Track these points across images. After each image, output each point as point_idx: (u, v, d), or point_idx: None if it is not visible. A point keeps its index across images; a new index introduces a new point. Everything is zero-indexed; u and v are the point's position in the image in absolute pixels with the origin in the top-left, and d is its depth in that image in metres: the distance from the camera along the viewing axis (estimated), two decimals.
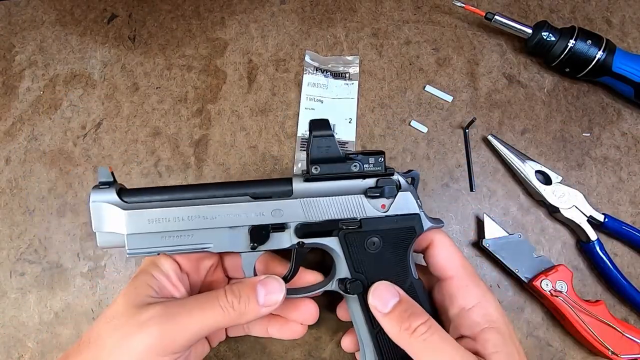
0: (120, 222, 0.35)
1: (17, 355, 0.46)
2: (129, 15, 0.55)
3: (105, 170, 0.36)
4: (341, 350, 0.44)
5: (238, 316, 0.34)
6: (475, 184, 0.48)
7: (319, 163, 0.37)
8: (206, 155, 0.50)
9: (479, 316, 0.34)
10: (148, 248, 0.36)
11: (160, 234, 0.36)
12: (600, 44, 0.46)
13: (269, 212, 0.36)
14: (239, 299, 0.34)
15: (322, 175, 0.37)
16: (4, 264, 0.48)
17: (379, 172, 0.37)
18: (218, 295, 0.34)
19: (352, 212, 0.37)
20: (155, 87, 0.52)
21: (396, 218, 0.37)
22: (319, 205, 0.36)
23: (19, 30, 0.55)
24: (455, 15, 0.53)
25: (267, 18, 0.54)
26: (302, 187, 0.37)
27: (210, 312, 0.34)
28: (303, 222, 0.37)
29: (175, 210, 0.36)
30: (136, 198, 0.36)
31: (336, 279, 0.38)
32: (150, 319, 0.32)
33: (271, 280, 0.36)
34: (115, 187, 0.36)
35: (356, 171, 0.37)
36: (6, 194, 0.50)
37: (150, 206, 0.36)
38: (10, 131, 0.52)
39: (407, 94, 0.51)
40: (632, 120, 0.50)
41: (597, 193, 0.48)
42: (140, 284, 0.36)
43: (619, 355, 0.41)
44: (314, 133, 0.36)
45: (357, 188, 0.37)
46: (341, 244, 0.37)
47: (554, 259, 0.46)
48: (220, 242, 0.36)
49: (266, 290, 0.35)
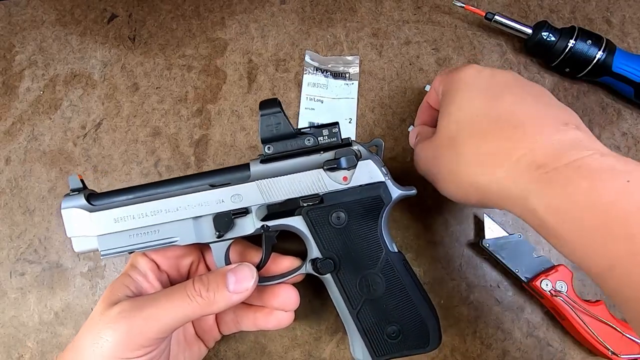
0: (89, 225, 0.36)
1: (17, 355, 0.46)
2: (129, 15, 0.55)
3: (74, 178, 0.38)
4: (341, 350, 0.44)
5: (207, 305, 0.34)
6: None
7: (271, 142, 0.36)
8: (206, 155, 0.50)
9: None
10: (119, 247, 0.36)
11: (127, 232, 0.36)
12: (600, 44, 0.46)
13: (229, 198, 0.36)
14: (207, 287, 0.34)
15: (277, 154, 0.36)
16: (4, 264, 0.48)
17: (334, 144, 0.36)
18: (186, 285, 0.34)
19: (313, 189, 0.36)
20: (155, 87, 0.52)
21: (359, 188, 0.36)
22: (276, 185, 0.36)
23: (19, 30, 0.55)
24: (455, 15, 0.53)
25: (267, 18, 0.54)
26: (259, 169, 0.36)
27: (178, 302, 0.33)
28: (263, 203, 0.36)
29: (138, 207, 0.36)
30: (103, 200, 0.37)
31: (308, 260, 0.37)
32: (118, 314, 0.33)
33: (241, 267, 0.35)
34: (84, 193, 0.37)
35: (310, 145, 0.36)
36: (6, 194, 0.50)
37: (115, 206, 0.36)
38: (10, 131, 0.52)
39: (407, 94, 0.51)
40: (632, 120, 0.50)
41: None
42: (118, 285, 0.36)
43: (619, 355, 0.41)
44: (260, 112, 0.36)
45: (315, 163, 0.36)
46: (306, 222, 0.36)
47: (554, 259, 0.46)
48: (186, 234, 0.36)
49: (236, 277, 0.35)
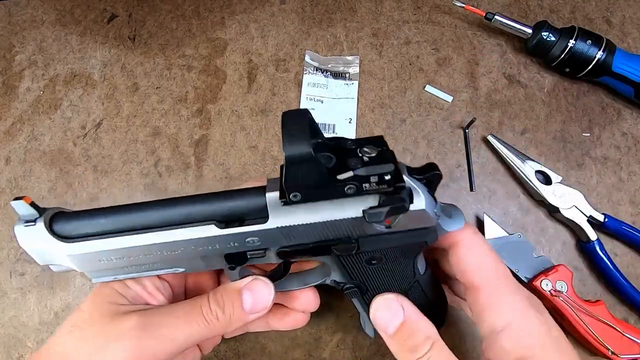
0: (67, 261, 0.29)
1: (17, 355, 0.46)
2: (129, 15, 0.55)
3: (21, 204, 0.28)
4: (341, 350, 0.44)
5: (223, 326, 0.31)
6: (475, 184, 0.48)
7: (300, 190, 0.27)
8: (206, 155, 0.50)
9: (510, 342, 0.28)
10: (113, 276, 0.31)
11: (119, 268, 0.30)
12: (600, 44, 0.46)
13: (242, 240, 0.29)
14: (223, 309, 0.31)
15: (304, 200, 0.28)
16: (4, 264, 0.48)
17: (383, 190, 0.27)
18: (202, 305, 0.31)
19: (347, 233, 0.29)
20: (155, 87, 0.52)
21: (403, 234, 0.29)
22: (303, 231, 0.29)
23: (19, 30, 0.55)
24: (455, 15, 0.53)
25: (267, 18, 0.54)
26: (280, 212, 0.28)
27: (194, 324, 0.30)
28: (285, 246, 0.30)
29: (127, 249, 0.29)
30: (75, 228, 0.29)
31: (331, 279, 0.34)
32: (128, 330, 0.29)
33: (257, 283, 0.32)
34: (44, 220, 0.28)
35: (352, 193, 0.27)
36: (6, 194, 0.50)
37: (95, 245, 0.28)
38: (10, 131, 0.52)
39: (407, 94, 0.51)
40: (632, 120, 0.50)
41: (597, 193, 0.48)
42: (110, 291, 0.32)
43: (619, 355, 0.41)
44: (287, 155, 0.25)
45: (353, 207, 0.28)
46: (335, 261, 0.32)
47: (554, 259, 0.46)
48: (193, 266, 0.31)
49: (253, 296, 0.31)
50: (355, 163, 0.27)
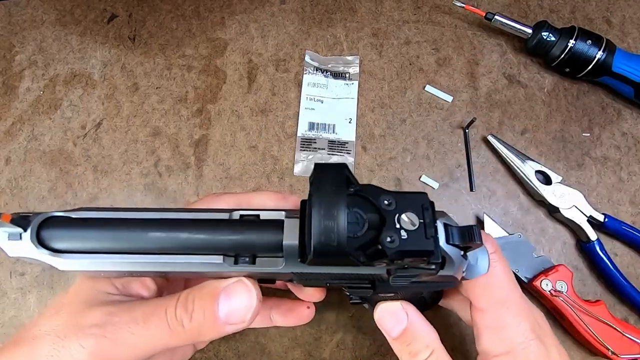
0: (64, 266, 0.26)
1: None
2: (129, 15, 0.55)
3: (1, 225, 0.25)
4: (341, 351, 0.44)
5: (191, 336, 0.26)
6: (475, 184, 0.48)
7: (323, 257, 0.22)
8: (206, 155, 0.50)
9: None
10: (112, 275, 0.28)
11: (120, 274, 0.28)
12: (600, 44, 0.46)
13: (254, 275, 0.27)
14: (190, 316, 0.26)
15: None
16: (4, 264, 0.48)
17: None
18: (167, 309, 0.26)
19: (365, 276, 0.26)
20: (155, 87, 0.52)
21: (425, 285, 0.27)
22: (317, 276, 0.26)
23: (19, 30, 0.55)
24: (455, 15, 0.53)
25: (267, 18, 0.54)
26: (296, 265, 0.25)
27: (155, 330, 0.26)
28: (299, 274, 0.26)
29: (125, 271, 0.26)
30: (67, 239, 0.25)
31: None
32: (90, 326, 0.26)
33: (238, 287, 0.26)
34: (30, 235, 0.25)
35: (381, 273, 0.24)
36: (6, 194, 0.50)
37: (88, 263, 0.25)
38: (10, 131, 0.52)
39: (407, 94, 0.51)
40: (632, 120, 0.50)
41: (597, 193, 0.48)
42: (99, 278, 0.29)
43: (619, 355, 0.41)
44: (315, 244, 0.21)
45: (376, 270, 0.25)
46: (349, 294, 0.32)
47: (554, 259, 0.46)
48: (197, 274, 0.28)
49: (229, 303, 0.26)
50: (391, 239, 0.21)
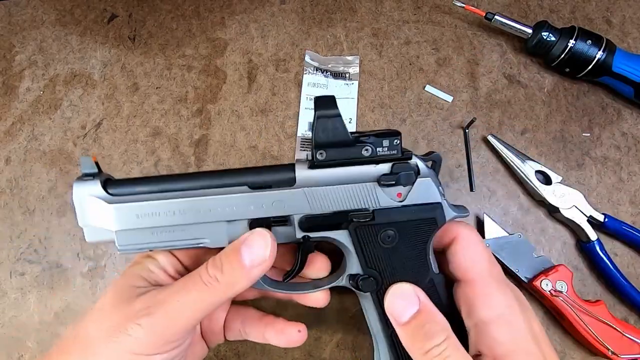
0: (107, 217, 0.32)
1: (17, 356, 0.46)
2: (129, 15, 0.55)
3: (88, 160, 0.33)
4: (341, 350, 0.44)
5: (227, 287, 0.31)
6: (475, 184, 0.48)
7: (325, 147, 0.32)
8: (206, 155, 0.50)
9: (501, 333, 0.29)
10: (139, 244, 0.33)
11: (150, 229, 0.32)
12: (600, 44, 0.46)
13: (270, 203, 0.32)
14: (221, 269, 0.31)
15: (328, 162, 0.32)
16: (4, 264, 0.48)
17: (394, 157, 0.32)
18: (200, 272, 0.31)
19: (364, 202, 0.33)
20: (155, 87, 0.52)
21: (414, 208, 0.32)
22: (325, 195, 0.32)
23: (19, 30, 0.55)
24: (455, 15, 0.53)
25: (267, 18, 0.54)
26: (306, 175, 0.32)
27: (196, 293, 0.31)
28: (308, 214, 0.33)
29: (166, 204, 0.32)
30: (123, 190, 0.33)
31: (347, 274, 0.34)
32: (140, 310, 0.30)
33: (254, 236, 0.32)
34: (100, 179, 0.32)
35: (368, 156, 0.32)
36: (6, 194, 0.50)
37: (139, 199, 0.32)
38: (10, 131, 0.52)
39: (407, 94, 0.51)
40: (632, 120, 0.50)
41: (597, 193, 0.48)
42: (132, 275, 0.33)
43: (619, 355, 0.41)
44: (318, 113, 0.31)
45: (369, 175, 0.32)
46: (352, 237, 0.33)
47: (554, 259, 0.46)
48: (216, 236, 0.33)
49: (250, 250, 0.31)
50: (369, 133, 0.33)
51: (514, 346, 0.29)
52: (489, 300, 0.31)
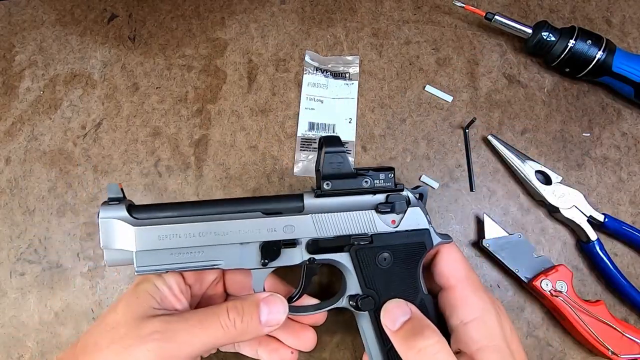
0: (129, 239, 0.35)
1: (17, 355, 0.46)
2: (129, 15, 0.55)
3: (115, 186, 0.36)
4: (341, 351, 0.44)
5: (239, 334, 0.33)
6: (475, 184, 0.48)
7: (331, 179, 0.37)
8: (206, 155, 0.50)
9: (477, 332, 0.33)
10: (157, 265, 0.35)
11: (169, 251, 0.35)
12: (600, 44, 0.46)
13: (281, 228, 0.36)
14: (241, 317, 0.33)
15: (333, 191, 0.37)
16: (4, 264, 0.48)
17: (389, 188, 0.37)
18: (219, 312, 0.34)
19: (363, 228, 0.37)
20: (155, 87, 0.52)
21: (406, 233, 0.37)
22: (330, 220, 0.37)
23: (19, 30, 0.55)
24: (455, 15, 0.53)
25: (267, 18, 0.54)
26: (314, 202, 0.37)
27: (211, 330, 0.33)
28: (314, 237, 0.36)
29: (186, 227, 0.35)
30: (146, 214, 0.36)
31: (347, 295, 0.37)
32: (151, 333, 0.32)
33: (275, 298, 0.35)
34: (125, 204, 0.36)
35: (367, 187, 0.37)
36: (6, 194, 0.50)
37: (161, 222, 0.35)
38: (10, 131, 0.52)
39: (407, 94, 0.51)
40: (632, 120, 0.50)
41: (597, 193, 0.48)
42: (143, 293, 0.35)
43: (619, 355, 0.41)
44: (326, 149, 0.37)
45: (368, 204, 0.37)
46: (352, 259, 0.37)
47: (554, 259, 0.46)
48: (230, 258, 0.35)
49: (269, 309, 0.34)
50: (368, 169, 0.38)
51: (487, 343, 0.32)
52: (466, 303, 0.35)
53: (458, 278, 0.36)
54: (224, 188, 0.49)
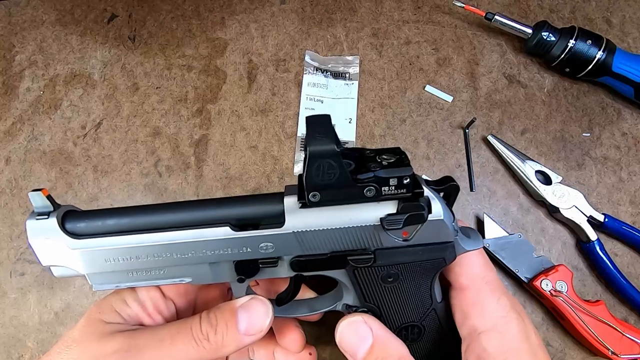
0: (72, 261, 0.29)
1: (17, 355, 0.46)
2: (129, 15, 0.55)
3: (38, 195, 0.28)
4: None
5: (215, 349, 0.29)
6: (475, 184, 0.48)
7: (320, 190, 0.27)
8: (206, 155, 0.50)
9: (492, 345, 0.27)
10: (115, 283, 0.30)
11: (125, 271, 0.29)
12: (600, 44, 0.46)
13: (256, 246, 0.28)
14: (214, 329, 0.29)
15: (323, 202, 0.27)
16: (4, 264, 0.48)
17: (402, 195, 0.27)
18: (192, 325, 0.29)
19: (363, 243, 0.28)
20: (155, 87, 0.52)
21: (422, 249, 0.28)
22: (318, 237, 0.28)
23: (19, 30, 0.55)
24: (455, 15, 0.53)
25: (267, 18, 0.54)
26: (298, 215, 0.28)
27: (182, 347, 0.28)
28: (300, 255, 0.29)
29: (137, 249, 0.28)
30: (87, 225, 0.28)
31: (343, 302, 0.32)
32: (113, 353, 0.27)
33: (255, 302, 0.30)
34: (57, 216, 0.28)
35: (371, 196, 0.27)
36: (6, 194, 0.50)
37: (105, 242, 0.28)
38: (10, 131, 0.52)
39: (407, 94, 0.51)
40: (632, 120, 0.50)
41: (597, 193, 0.48)
42: (107, 308, 0.30)
43: (619, 355, 0.41)
44: (311, 150, 0.25)
45: (371, 215, 0.27)
46: (349, 277, 0.30)
47: (554, 259, 0.46)
48: (199, 276, 0.30)
49: (249, 315, 0.29)
50: (374, 167, 0.27)
51: (504, 358, 0.27)
52: (481, 308, 0.29)
53: (472, 277, 0.30)
54: (224, 188, 0.49)
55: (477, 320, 0.29)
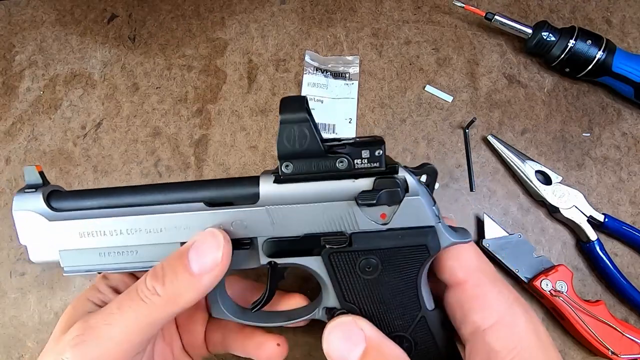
0: (48, 236, 0.29)
1: (17, 355, 0.46)
2: (129, 15, 0.55)
3: (32, 169, 0.30)
4: None
5: (170, 302, 0.26)
6: (475, 184, 0.48)
7: (291, 158, 0.27)
8: (206, 155, 0.50)
9: (500, 340, 0.25)
10: (86, 266, 0.29)
11: (97, 250, 0.29)
12: (600, 44, 0.46)
13: (228, 224, 0.28)
14: (162, 281, 0.26)
15: (296, 175, 0.27)
16: (4, 264, 0.48)
17: (377, 170, 0.27)
18: (137, 285, 0.27)
19: (339, 225, 0.28)
20: (155, 87, 0.52)
21: (401, 232, 0.27)
22: (292, 215, 0.28)
23: (19, 30, 0.55)
24: (455, 15, 0.53)
25: (267, 18, 0.54)
26: (271, 190, 0.28)
27: (131, 310, 0.26)
28: (272, 237, 0.28)
29: (112, 221, 0.28)
30: (68, 204, 0.29)
31: (322, 306, 0.30)
32: (72, 339, 0.26)
33: (202, 236, 0.27)
34: (44, 192, 0.29)
35: (343, 169, 0.27)
36: (6, 193, 0.50)
37: (83, 215, 0.29)
38: (10, 131, 0.52)
39: (407, 94, 0.51)
40: (632, 120, 0.50)
41: (597, 193, 0.48)
42: (81, 300, 0.29)
43: (619, 355, 0.41)
44: (282, 117, 0.26)
45: (346, 192, 0.27)
46: (325, 265, 0.29)
47: (554, 259, 0.46)
48: None
49: (197, 253, 0.26)
50: (347, 141, 0.28)
51: (516, 354, 0.24)
52: (482, 301, 0.27)
53: (468, 269, 0.28)
54: None
55: (480, 316, 0.26)
